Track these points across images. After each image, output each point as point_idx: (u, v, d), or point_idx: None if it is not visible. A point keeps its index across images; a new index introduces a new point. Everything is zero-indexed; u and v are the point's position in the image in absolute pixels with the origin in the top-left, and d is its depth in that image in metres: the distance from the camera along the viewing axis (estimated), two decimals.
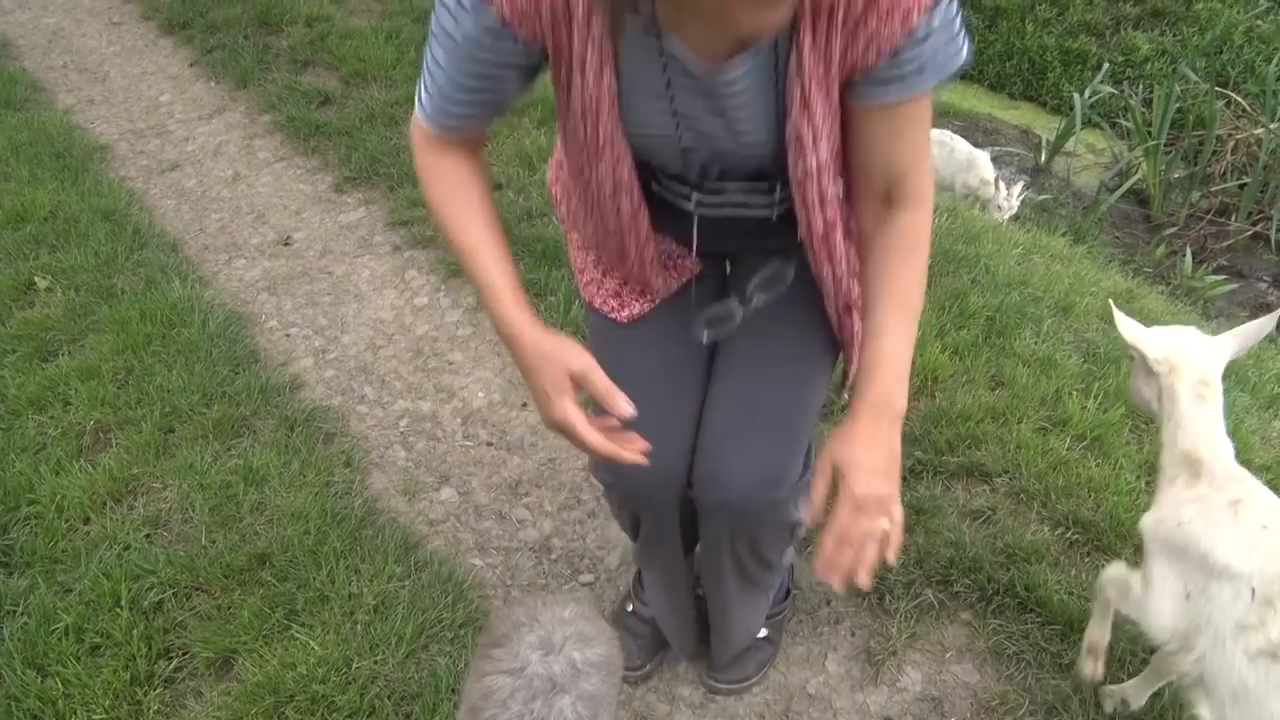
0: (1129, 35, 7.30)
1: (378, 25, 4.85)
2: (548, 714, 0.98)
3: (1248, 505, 1.46)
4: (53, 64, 4.91)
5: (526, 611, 1.06)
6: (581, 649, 1.03)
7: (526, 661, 1.00)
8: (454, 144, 1.30)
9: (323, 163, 3.80)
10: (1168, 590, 1.52)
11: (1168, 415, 1.58)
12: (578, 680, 1.01)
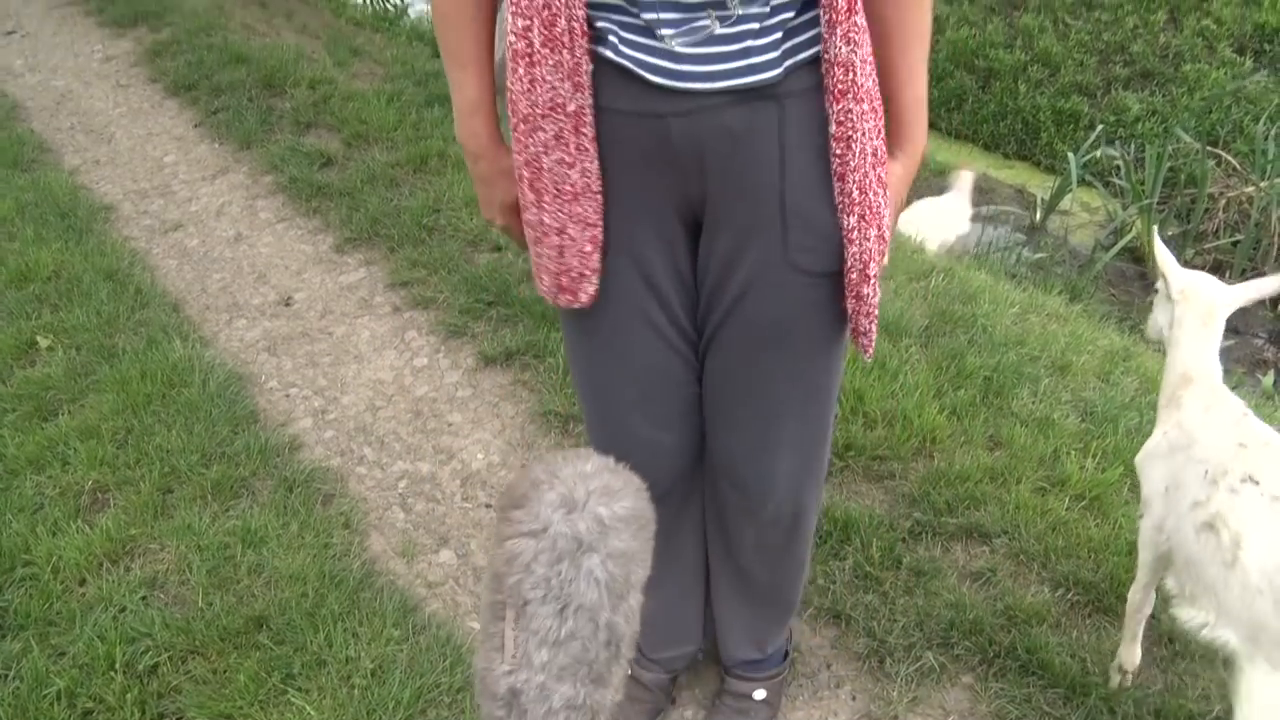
0: (1120, 96, 7.41)
1: (379, 88, 4.93)
2: (576, 575, 0.91)
3: (1219, 407, 1.74)
4: (60, 125, 4.98)
5: (545, 469, 0.97)
6: (608, 503, 0.94)
7: (549, 521, 0.92)
8: None
9: (324, 223, 3.84)
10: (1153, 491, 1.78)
11: (1175, 340, 1.83)
12: (606, 537, 0.92)
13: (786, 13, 1.21)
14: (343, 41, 5.86)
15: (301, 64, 5.22)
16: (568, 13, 1.19)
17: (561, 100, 1.24)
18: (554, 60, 1.22)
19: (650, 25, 1.20)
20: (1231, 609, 1.57)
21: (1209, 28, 7.70)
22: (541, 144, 1.27)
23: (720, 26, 1.18)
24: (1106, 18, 7.99)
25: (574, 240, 1.33)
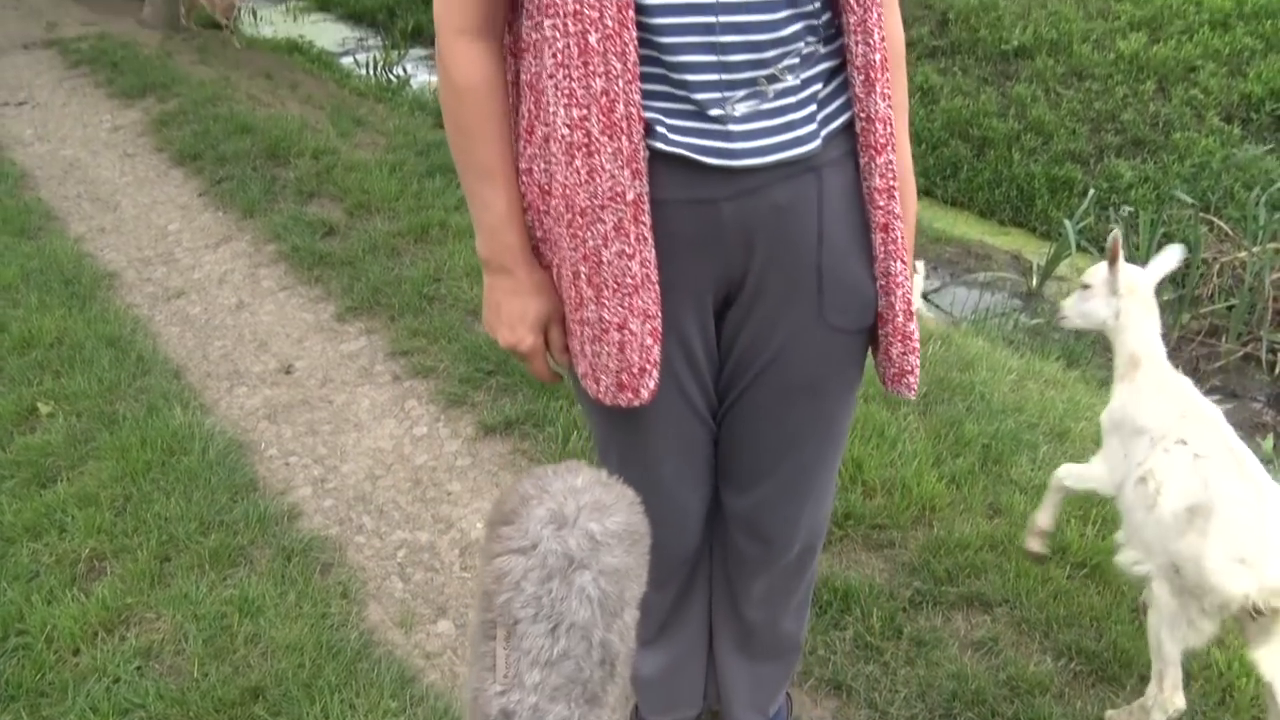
0: (1112, 163, 7.52)
1: (381, 158, 5.00)
2: (567, 593, 0.88)
3: (1170, 387, 2.05)
4: (67, 194, 5.05)
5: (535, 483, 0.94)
6: (599, 518, 0.92)
7: (538, 538, 0.89)
8: (482, 34, 1.27)
9: (325, 292, 3.87)
10: (1112, 454, 2.11)
11: (1123, 327, 2.14)
12: (598, 554, 0.90)
13: (816, 84, 1.26)
14: (346, 112, 5.97)
15: (305, 134, 5.31)
16: (625, 98, 1.18)
17: (621, 189, 1.21)
18: (613, 148, 1.20)
19: (703, 105, 1.21)
20: (1150, 544, 1.93)
21: (1197, 97, 7.84)
22: (601, 236, 1.24)
23: (771, 92, 1.22)
24: (1097, 87, 8.14)
25: (634, 335, 1.29)
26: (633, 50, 1.18)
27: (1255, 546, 1.79)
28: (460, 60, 1.26)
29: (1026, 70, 8.36)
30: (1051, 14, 8.84)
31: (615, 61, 1.17)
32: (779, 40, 1.20)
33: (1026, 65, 8.40)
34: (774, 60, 1.21)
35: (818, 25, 1.24)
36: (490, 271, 1.36)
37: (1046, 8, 8.96)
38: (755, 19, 1.18)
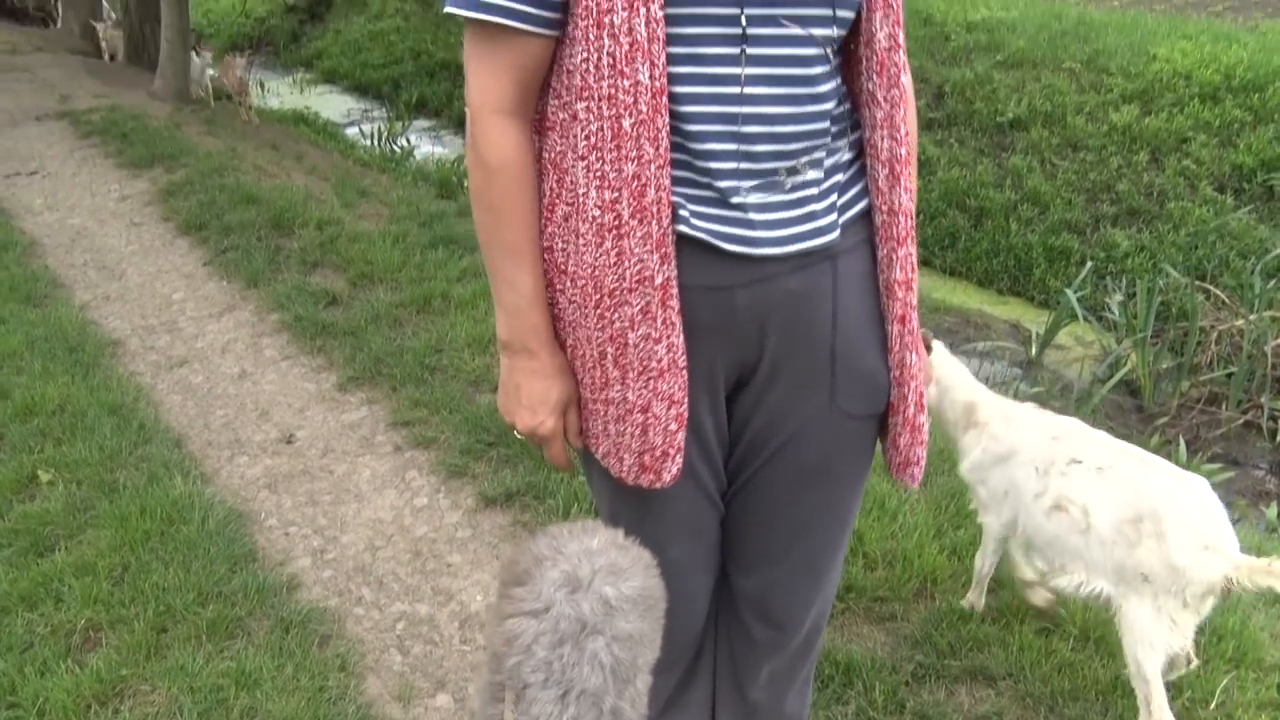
0: (1108, 233, 7.60)
1: (385, 229, 5.07)
2: (579, 659, 0.86)
3: (1016, 416, 2.20)
4: (74, 262, 5.10)
5: (549, 543, 0.92)
6: (615, 582, 0.89)
7: (551, 601, 0.87)
8: (517, 114, 1.27)
9: (327, 362, 3.89)
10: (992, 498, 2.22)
11: (943, 388, 2.28)
12: (612, 619, 0.87)
13: (838, 174, 1.29)
14: (350, 183, 6.05)
15: (310, 205, 5.38)
16: (656, 183, 1.19)
17: (650, 273, 1.22)
18: (643, 231, 1.20)
19: (725, 193, 1.22)
20: (1097, 563, 2.00)
21: (1189, 168, 7.96)
22: (628, 319, 1.24)
23: (789, 184, 1.24)
24: (1092, 158, 8.26)
25: (658, 418, 1.28)
26: (665, 136, 1.19)
27: (1211, 530, 1.92)
28: (495, 138, 1.25)
29: (1022, 142, 8.49)
30: (1045, 87, 9.00)
31: (648, 146, 1.18)
32: (802, 134, 1.23)
33: (1022, 137, 8.54)
34: (797, 154, 1.24)
35: (842, 121, 1.28)
36: (511, 353, 1.33)
37: (1040, 81, 9.12)
38: (779, 111, 1.21)
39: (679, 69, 1.19)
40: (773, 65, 1.20)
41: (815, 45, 1.21)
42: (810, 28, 1.20)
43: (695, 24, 1.18)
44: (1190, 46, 9.20)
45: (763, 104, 1.20)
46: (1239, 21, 11.46)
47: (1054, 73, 9.20)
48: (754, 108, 1.20)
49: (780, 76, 1.21)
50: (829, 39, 1.22)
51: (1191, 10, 13.05)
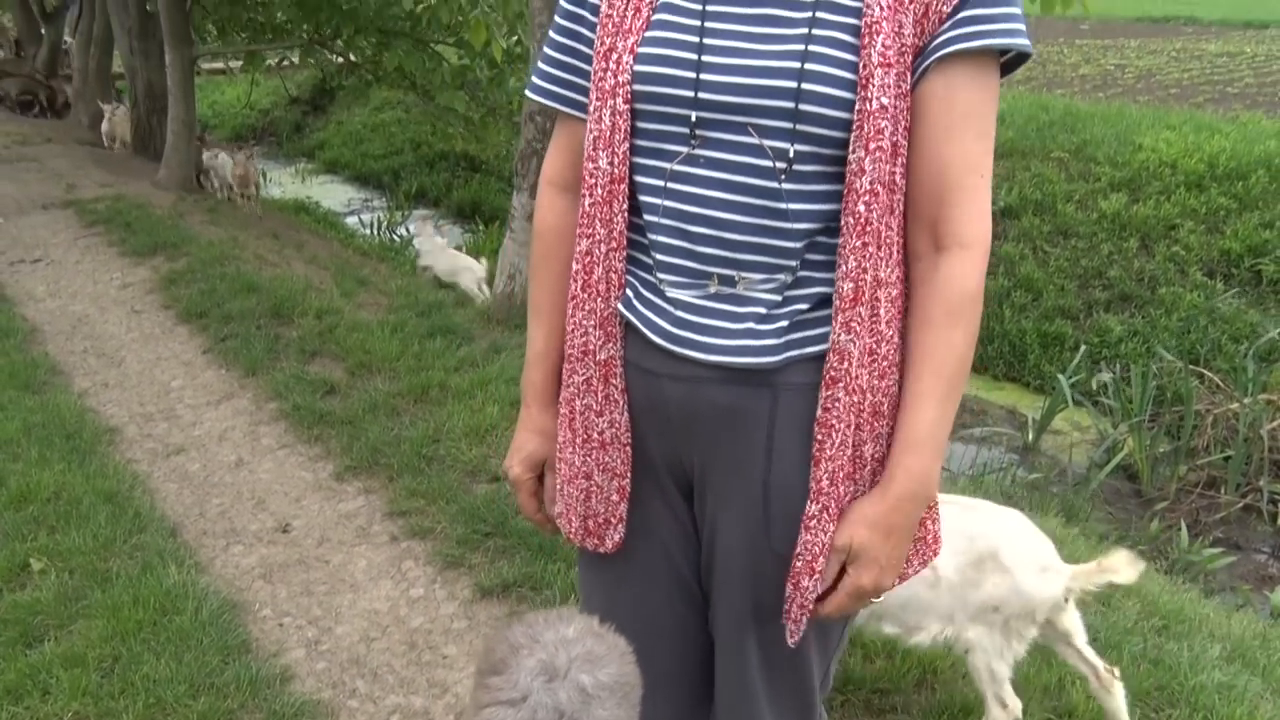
0: (1101, 318, 7.68)
1: (384, 319, 5.11)
2: None
3: None
4: (74, 348, 5.12)
5: (526, 631, 0.93)
6: (591, 671, 0.89)
7: (528, 690, 0.87)
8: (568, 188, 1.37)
9: (325, 451, 3.89)
10: None
11: None
12: (589, 707, 0.88)
13: (800, 304, 1.21)
14: (350, 272, 6.12)
15: (310, 294, 5.43)
16: (605, 262, 1.26)
17: (592, 347, 1.29)
18: (589, 307, 1.28)
19: (662, 284, 1.25)
20: (950, 610, 2.14)
21: (1179, 254, 8.08)
22: (575, 387, 1.32)
23: (716, 290, 1.22)
24: (1083, 245, 8.39)
25: (600, 487, 1.34)
26: (620, 220, 1.25)
27: (1042, 552, 2.17)
28: (544, 205, 1.40)
29: (1014, 229, 8.63)
30: (1035, 176, 9.19)
31: (600, 227, 1.26)
32: (753, 246, 1.20)
33: (1014, 225, 8.68)
34: (745, 265, 1.20)
35: (796, 246, 1.20)
36: (522, 400, 1.46)
37: (1030, 170, 9.32)
38: (728, 217, 1.20)
39: (640, 160, 1.25)
40: (724, 170, 1.19)
41: (769, 157, 1.17)
42: (765, 138, 1.17)
43: (655, 120, 1.23)
44: (1174, 136, 9.43)
45: (711, 206, 1.20)
46: (1219, 113, 11.76)
47: (1043, 162, 9.40)
48: (700, 208, 1.21)
49: (731, 183, 1.19)
50: (783, 153, 1.16)
51: (1174, 101, 13.39)
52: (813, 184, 1.19)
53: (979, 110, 1.16)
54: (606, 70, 1.24)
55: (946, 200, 1.17)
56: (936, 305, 1.18)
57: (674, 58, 1.20)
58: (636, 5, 1.24)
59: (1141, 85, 15.95)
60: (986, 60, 1.16)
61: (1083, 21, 28.99)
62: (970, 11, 1.13)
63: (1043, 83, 15.82)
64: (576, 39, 1.32)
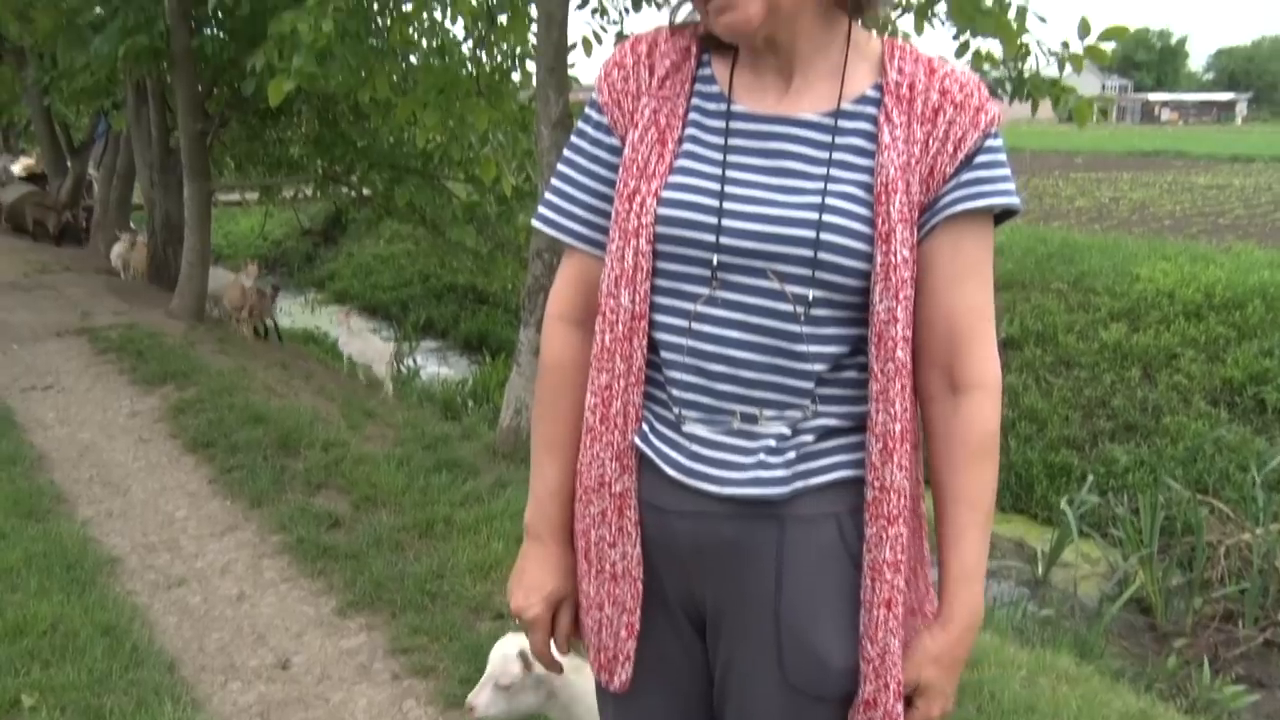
0: (1107, 448, 7.68)
1: (390, 451, 5.13)
2: None
3: None
4: (80, 476, 5.13)
5: None
6: None
7: None
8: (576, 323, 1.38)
9: (327, 585, 3.85)
10: None
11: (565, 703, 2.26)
12: None
13: (807, 436, 1.26)
14: (357, 403, 6.16)
15: (316, 425, 5.46)
16: (624, 397, 1.29)
17: (608, 479, 1.30)
18: (606, 439, 1.30)
19: (679, 419, 1.28)
20: None
21: (1181, 383, 8.13)
22: (591, 518, 1.33)
23: (738, 427, 1.26)
24: (1085, 375, 8.45)
25: (610, 621, 1.34)
26: (639, 356, 1.29)
27: None
28: (551, 340, 1.40)
29: (1016, 360, 8.71)
30: (1035, 307, 9.32)
31: (620, 363, 1.29)
32: (771, 385, 1.25)
33: (1016, 356, 8.77)
34: (763, 403, 1.25)
35: (837, 386, 1.26)
36: (528, 536, 1.42)
37: (1030, 301, 9.46)
38: (746, 356, 1.25)
39: (660, 299, 1.28)
40: (744, 311, 1.24)
41: (789, 301, 1.23)
42: (786, 283, 1.22)
43: (676, 261, 1.27)
44: (1170, 267, 9.60)
45: (731, 346, 1.25)
46: (1213, 243, 11.99)
47: (1043, 293, 9.55)
48: (720, 348, 1.25)
49: (751, 324, 1.24)
50: (803, 297, 1.22)
51: (1168, 233, 13.68)
52: (827, 326, 1.24)
53: (981, 261, 1.26)
54: (630, 211, 1.28)
55: (959, 346, 1.25)
56: (965, 447, 1.25)
57: (696, 203, 1.25)
58: (660, 150, 1.29)
59: (1136, 217, 16.32)
60: (985, 216, 1.25)
61: (1077, 155, 29.88)
62: (972, 174, 1.22)
63: (1040, 215, 16.19)
64: (592, 177, 1.36)
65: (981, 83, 1.25)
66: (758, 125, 1.27)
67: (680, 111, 1.30)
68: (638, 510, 1.31)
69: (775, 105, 1.27)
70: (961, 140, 1.21)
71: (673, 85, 1.31)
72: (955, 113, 1.21)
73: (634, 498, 1.31)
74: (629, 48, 1.36)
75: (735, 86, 1.29)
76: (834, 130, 1.24)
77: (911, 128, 1.21)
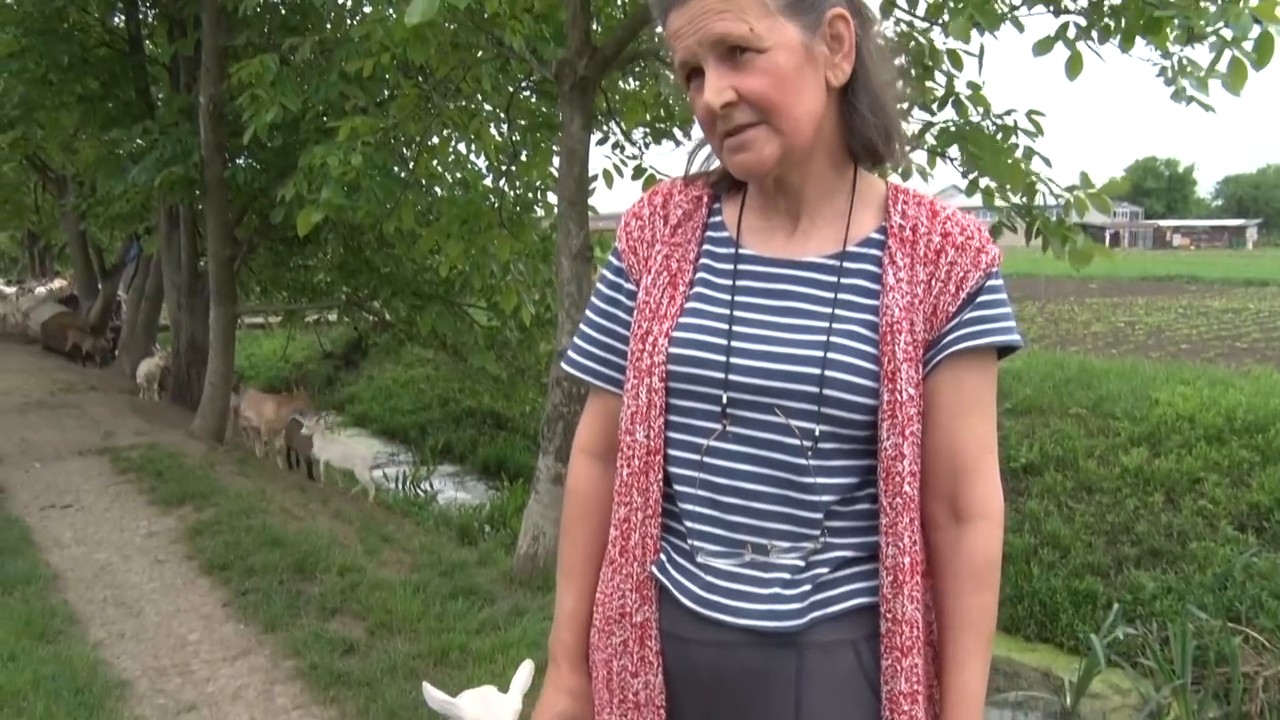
0: (1133, 574, 7.53)
1: (406, 577, 5.10)
2: None
3: None
4: (94, 597, 5.10)
5: None
6: None
7: None
8: (600, 456, 1.43)
9: (340, 713, 3.78)
10: None
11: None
12: None
13: (822, 568, 1.28)
14: (374, 528, 6.15)
15: (333, 550, 5.44)
16: (642, 529, 1.33)
17: (629, 610, 1.33)
18: (626, 571, 1.34)
19: (694, 550, 1.31)
20: None
21: (1206, 508, 8.00)
22: (612, 648, 1.35)
23: (750, 559, 1.28)
24: (1107, 500, 8.35)
25: None
26: (656, 489, 1.32)
27: None
28: (575, 472, 1.47)
29: (1037, 486, 8.63)
30: (1055, 432, 9.28)
31: (637, 496, 1.33)
32: (782, 517, 1.28)
33: (1036, 481, 8.69)
34: (775, 534, 1.28)
35: (847, 519, 1.29)
36: (550, 659, 1.46)
37: (1049, 426, 9.42)
38: (758, 489, 1.28)
39: (674, 435, 1.32)
40: (754, 446, 1.28)
41: (796, 436, 1.26)
42: (792, 418, 1.26)
43: (688, 398, 1.31)
44: (1190, 391, 9.57)
45: (742, 479, 1.28)
46: (1231, 367, 11.98)
47: (1061, 418, 9.52)
48: (731, 480, 1.29)
49: (761, 458, 1.27)
50: (809, 432, 1.25)
51: (1185, 356, 13.69)
52: (834, 460, 1.27)
53: (983, 395, 1.29)
54: (643, 352, 1.33)
55: (962, 478, 1.28)
56: (968, 576, 1.28)
57: (705, 342, 1.30)
58: (672, 293, 1.34)
59: (1152, 341, 16.37)
60: (988, 353, 1.29)
61: (1091, 281, 30.14)
62: (974, 313, 1.27)
63: (1056, 340, 16.26)
64: (612, 320, 1.42)
65: (982, 225, 1.30)
66: (765, 268, 1.32)
67: (691, 256, 1.36)
68: (659, 640, 1.33)
69: (782, 248, 1.32)
70: (963, 280, 1.25)
71: (685, 232, 1.38)
72: (957, 254, 1.25)
73: (655, 628, 1.33)
74: (646, 199, 1.44)
75: (744, 230, 1.35)
76: (839, 272, 1.28)
77: (915, 269, 1.26)
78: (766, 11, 1.21)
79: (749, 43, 1.20)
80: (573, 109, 5.34)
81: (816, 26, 1.23)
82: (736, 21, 1.20)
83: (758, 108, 1.22)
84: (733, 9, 1.20)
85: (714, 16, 1.21)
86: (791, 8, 1.22)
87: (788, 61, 1.22)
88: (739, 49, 1.21)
